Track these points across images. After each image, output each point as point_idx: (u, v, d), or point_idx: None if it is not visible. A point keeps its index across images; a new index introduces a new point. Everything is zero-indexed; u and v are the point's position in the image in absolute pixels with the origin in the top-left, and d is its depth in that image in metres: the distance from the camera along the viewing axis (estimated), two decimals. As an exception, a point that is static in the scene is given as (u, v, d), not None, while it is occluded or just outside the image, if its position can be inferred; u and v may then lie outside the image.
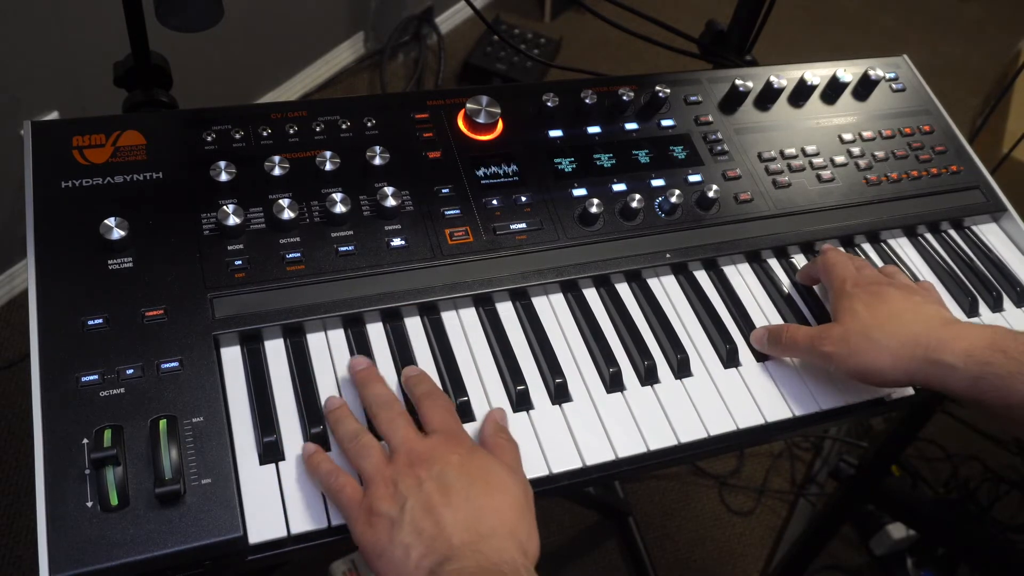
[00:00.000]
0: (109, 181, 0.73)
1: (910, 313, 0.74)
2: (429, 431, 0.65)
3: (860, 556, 1.81)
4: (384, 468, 0.62)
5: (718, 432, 0.75)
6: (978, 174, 1.01)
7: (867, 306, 0.75)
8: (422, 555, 0.57)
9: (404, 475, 0.60)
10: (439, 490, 0.59)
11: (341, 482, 0.62)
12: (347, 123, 0.83)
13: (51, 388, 0.62)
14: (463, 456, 0.62)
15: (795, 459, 1.95)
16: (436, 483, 0.60)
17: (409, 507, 0.58)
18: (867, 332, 0.73)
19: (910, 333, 0.72)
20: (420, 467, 0.61)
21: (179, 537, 0.58)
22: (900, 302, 0.75)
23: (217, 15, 0.76)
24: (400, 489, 0.60)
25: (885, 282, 0.78)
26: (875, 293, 0.76)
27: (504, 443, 0.67)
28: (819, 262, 0.84)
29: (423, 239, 0.78)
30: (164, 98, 0.88)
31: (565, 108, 0.90)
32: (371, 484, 0.61)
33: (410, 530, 0.58)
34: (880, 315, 0.74)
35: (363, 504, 0.60)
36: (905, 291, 0.77)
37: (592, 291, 0.82)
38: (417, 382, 0.70)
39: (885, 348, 0.72)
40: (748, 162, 0.93)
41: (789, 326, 0.79)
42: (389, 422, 0.65)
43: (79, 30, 1.59)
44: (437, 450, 0.62)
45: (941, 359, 0.70)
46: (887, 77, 1.05)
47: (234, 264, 0.71)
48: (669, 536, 1.79)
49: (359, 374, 0.69)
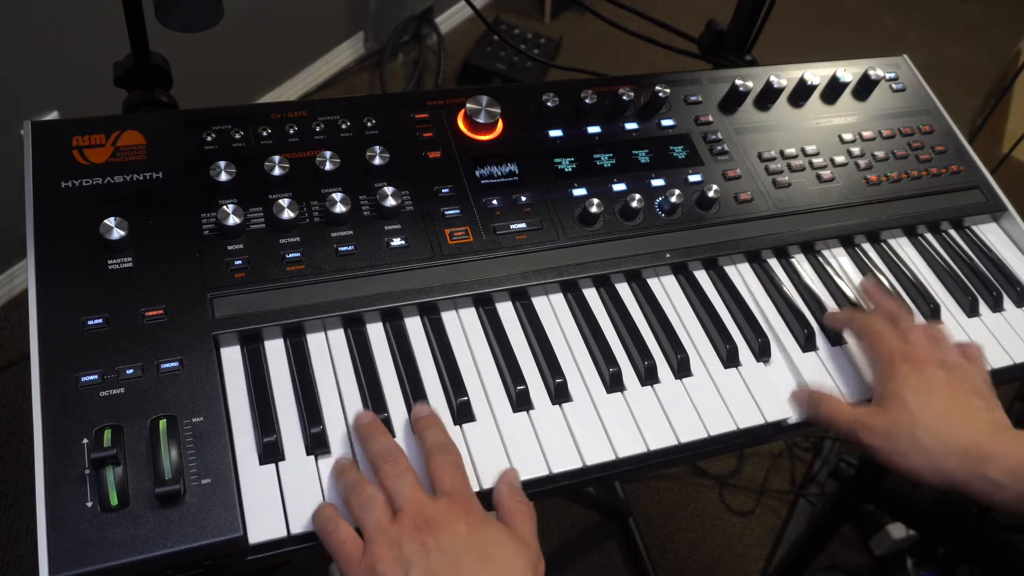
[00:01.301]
0: (109, 181, 0.73)
1: (959, 412, 0.71)
2: (438, 490, 0.62)
3: (860, 556, 1.82)
4: (388, 528, 0.59)
5: (718, 432, 0.75)
6: (978, 174, 1.01)
7: (917, 397, 0.71)
8: None
9: (410, 539, 0.58)
10: (446, 562, 0.57)
11: (342, 536, 0.60)
12: (347, 123, 0.83)
13: (51, 388, 0.62)
14: (472, 527, 0.59)
15: (795, 459, 1.95)
16: (443, 555, 0.57)
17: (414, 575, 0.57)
18: (914, 432, 0.70)
19: (958, 442, 0.69)
20: (427, 533, 0.58)
21: (179, 537, 0.58)
22: (948, 396, 0.72)
23: (217, 15, 0.76)
24: (405, 554, 0.57)
25: (935, 360, 0.74)
26: (925, 378, 0.73)
27: (521, 508, 0.64)
28: (861, 327, 0.80)
29: (423, 239, 0.78)
30: (164, 98, 0.88)
31: (565, 108, 0.90)
32: (373, 543, 0.58)
33: None
34: (929, 411, 0.71)
35: (363, 563, 0.58)
36: (954, 377, 0.73)
37: (592, 291, 0.82)
38: (427, 426, 0.67)
39: (930, 456, 0.69)
40: (748, 162, 0.93)
41: (831, 401, 0.75)
42: (395, 478, 0.62)
43: (79, 30, 1.59)
44: (446, 516, 0.59)
45: (987, 475, 0.68)
46: (887, 77, 1.05)
47: (234, 264, 0.71)
48: (669, 536, 1.79)
49: (362, 428, 0.67)
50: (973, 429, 0.70)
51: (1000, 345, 0.88)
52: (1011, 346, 0.88)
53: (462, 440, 0.69)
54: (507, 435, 0.70)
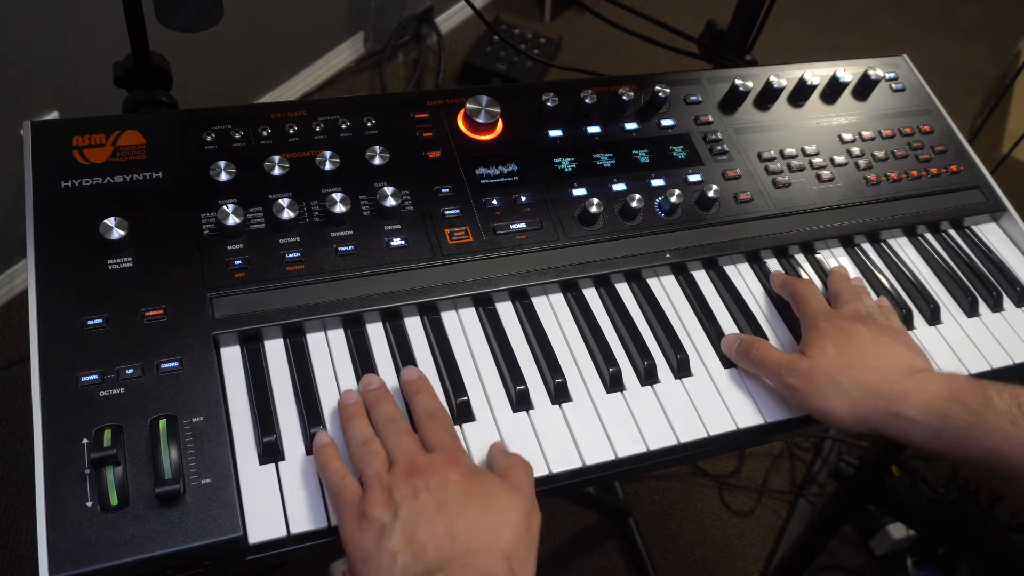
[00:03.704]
0: (109, 181, 0.73)
1: (875, 358, 0.73)
2: (430, 449, 0.64)
3: (860, 556, 1.81)
4: (383, 475, 0.61)
5: (718, 432, 0.75)
6: (978, 174, 1.01)
7: (836, 344, 0.74)
8: (408, 563, 0.56)
9: (401, 483, 0.60)
10: (434, 503, 0.59)
11: (345, 483, 0.62)
12: (347, 123, 0.83)
13: (51, 388, 0.62)
14: (464, 475, 0.61)
15: (795, 459, 1.95)
16: (432, 496, 0.59)
17: (402, 515, 0.58)
18: (832, 374, 0.72)
19: (872, 382, 0.71)
20: (418, 478, 0.60)
21: (179, 537, 0.58)
22: (868, 344, 0.74)
23: (217, 15, 0.76)
24: (395, 497, 0.59)
25: (856, 318, 0.77)
26: (845, 331, 0.75)
27: (516, 460, 0.66)
28: (792, 291, 0.83)
29: (423, 239, 0.78)
30: (164, 98, 0.88)
31: (565, 108, 0.90)
32: (368, 489, 0.61)
33: (400, 538, 0.57)
34: (848, 355, 0.73)
35: (358, 507, 0.60)
36: (875, 331, 0.76)
37: (592, 291, 0.82)
38: (416, 390, 0.69)
39: (847, 395, 0.71)
40: (748, 162, 0.93)
41: (761, 343, 0.78)
42: (394, 435, 0.65)
43: (79, 30, 1.59)
44: (437, 465, 0.62)
45: (901, 412, 0.70)
46: (887, 77, 1.05)
47: (234, 264, 0.71)
48: (669, 536, 1.79)
49: (370, 394, 0.68)
50: (890, 370, 0.72)
51: (1000, 345, 0.88)
52: (1011, 346, 0.88)
53: (462, 440, 0.69)
54: (507, 435, 0.70)
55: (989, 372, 0.85)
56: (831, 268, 0.88)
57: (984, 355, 0.86)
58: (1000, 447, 0.66)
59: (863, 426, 0.72)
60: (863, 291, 0.84)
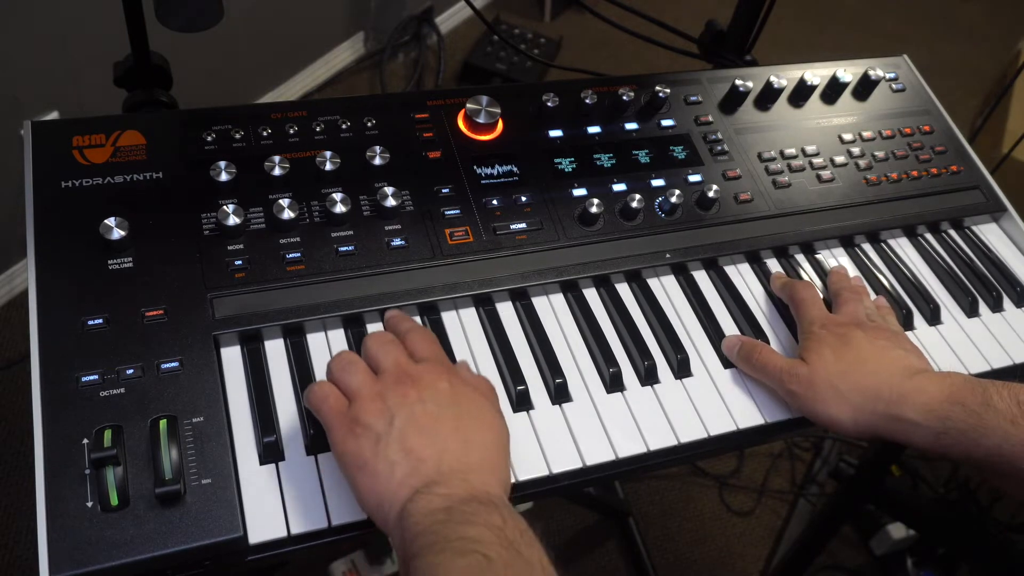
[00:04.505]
0: (109, 181, 0.73)
1: (873, 362, 0.73)
2: (418, 359, 0.64)
3: (860, 556, 1.82)
4: (371, 383, 0.61)
5: (718, 432, 0.75)
6: (978, 174, 1.01)
7: (834, 350, 0.74)
8: (408, 474, 0.56)
9: (392, 391, 0.60)
10: (428, 414, 0.59)
11: (325, 391, 0.61)
12: (347, 123, 0.83)
13: (51, 388, 0.62)
14: (454, 386, 0.62)
15: (795, 459, 1.95)
16: (425, 406, 0.59)
17: (397, 424, 0.58)
18: (832, 380, 0.72)
19: (872, 387, 0.71)
20: (409, 386, 0.60)
21: (179, 537, 0.58)
22: (866, 348, 0.74)
23: (217, 15, 0.76)
24: (388, 404, 0.59)
25: (853, 323, 0.77)
26: (843, 337, 0.75)
27: (484, 380, 0.67)
28: (791, 294, 0.83)
29: (423, 239, 0.78)
30: (164, 98, 0.88)
31: (565, 108, 0.90)
32: (357, 398, 0.60)
33: (397, 447, 0.57)
34: (846, 361, 0.73)
35: (348, 415, 0.59)
36: (872, 334, 0.75)
37: (592, 291, 0.82)
38: (400, 320, 0.70)
39: (847, 402, 0.71)
40: (748, 162, 0.93)
41: (762, 348, 0.77)
42: (381, 346, 0.64)
43: (79, 30, 1.59)
44: (428, 375, 0.61)
45: (902, 415, 0.69)
46: (887, 77, 1.05)
47: (234, 264, 0.71)
48: (669, 536, 1.79)
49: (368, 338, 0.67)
50: (888, 373, 0.72)
51: (1000, 345, 0.88)
52: (1011, 346, 0.88)
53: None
54: (507, 435, 0.70)
55: (989, 372, 0.85)
56: (831, 268, 0.88)
57: (984, 355, 0.86)
58: (1002, 447, 0.66)
59: (866, 432, 0.72)
60: (863, 291, 0.83)
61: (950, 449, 0.68)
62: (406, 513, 0.55)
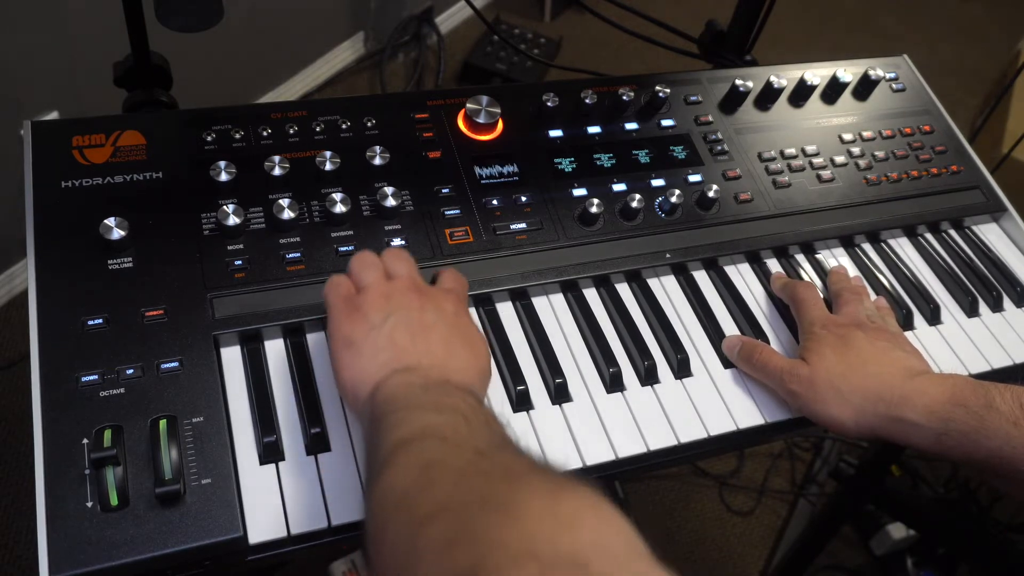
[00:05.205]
0: (109, 181, 0.73)
1: (874, 364, 0.73)
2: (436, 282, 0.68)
3: (860, 556, 1.81)
4: (383, 283, 0.63)
5: (718, 432, 0.75)
6: (978, 174, 1.01)
7: (835, 351, 0.74)
8: (389, 359, 0.59)
9: (400, 294, 0.62)
10: (424, 322, 0.61)
11: (339, 280, 0.64)
12: (347, 123, 0.83)
13: (51, 388, 0.62)
14: (458, 311, 0.64)
15: (795, 459, 1.95)
16: (424, 315, 0.61)
17: (392, 321, 0.60)
18: (833, 381, 0.72)
19: (873, 388, 0.71)
20: (416, 296, 0.63)
21: (179, 537, 0.58)
22: (867, 349, 0.74)
23: (217, 15, 0.76)
24: (391, 303, 0.61)
25: (854, 323, 0.77)
26: (843, 338, 0.75)
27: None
28: (792, 294, 0.83)
29: (423, 239, 0.77)
30: (164, 98, 0.88)
31: (565, 108, 0.90)
32: (366, 289, 0.63)
33: (386, 339, 0.59)
34: (847, 362, 0.73)
35: (352, 300, 0.62)
36: (872, 336, 0.75)
37: (592, 291, 0.82)
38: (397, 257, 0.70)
39: (849, 403, 0.71)
40: (748, 162, 0.93)
41: (763, 348, 0.77)
42: (397, 258, 0.66)
43: (79, 30, 1.59)
44: (440, 294, 0.65)
45: (904, 416, 0.69)
46: (887, 77, 1.05)
47: (234, 264, 0.71)
48: (669, 536, 1.79)
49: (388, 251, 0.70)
50: (889, 375, 0.72)
51: (1000, 345, 0.88)
52: (1011, 346, 0.88)
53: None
54: (507, 435, 0.70)
55: (989, 372, 0.85)
56: (831, 268, 0.88)
57: (984, 355, 0.86)
58: (1003, 449, 0.66)
59: (867, 433, 0.72)
60: (863, 292, 0.83)
61: (951, 450, 0.68)
62: (381, 386, 0.57)
